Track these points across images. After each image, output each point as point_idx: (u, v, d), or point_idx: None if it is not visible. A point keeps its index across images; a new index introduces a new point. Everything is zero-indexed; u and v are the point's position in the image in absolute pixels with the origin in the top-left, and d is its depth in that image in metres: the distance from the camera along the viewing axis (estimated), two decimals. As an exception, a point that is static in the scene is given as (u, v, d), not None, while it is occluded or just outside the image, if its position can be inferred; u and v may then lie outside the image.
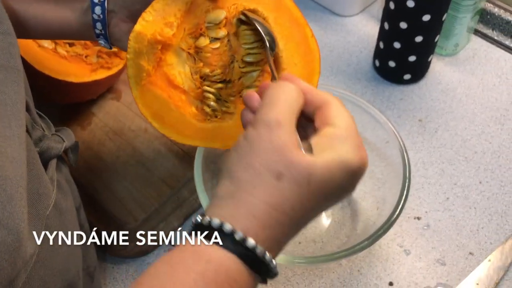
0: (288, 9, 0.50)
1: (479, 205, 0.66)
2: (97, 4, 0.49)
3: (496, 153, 0.71)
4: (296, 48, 0.50)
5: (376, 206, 0.62)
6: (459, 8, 0.75)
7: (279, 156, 0.36)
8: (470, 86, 0.79)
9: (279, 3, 0.50)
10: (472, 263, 0.61)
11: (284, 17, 0.50)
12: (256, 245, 0.34)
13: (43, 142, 0.46)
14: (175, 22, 0.49)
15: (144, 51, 0.48)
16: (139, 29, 0.48)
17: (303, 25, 0.50)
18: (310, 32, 0.51)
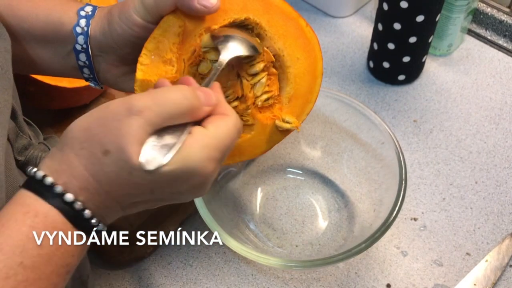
0: (277, 7, 0.50)
1: (475, 205, 0.66)
2: (81, 51, 0.47)
3: (491, 153, 0.71)
4: (295, 42, 0.51)
5: (373, 208, 0.62)
6: (452, 9, 0.75)
7: (116, 139, 0.35)
8: (464, 86, 0.79)
9: (268, 4, 0.50)
10: (469, 264, 0.61)
11: (276, 17, 0.50)
12: (74, 200, 0.36)
13: (28, 151, 0.45)
14: (173, 57, 0.47)
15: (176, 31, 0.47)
16: (142, 77, 0.47)
17: (295, 18, 0.51)
18: (304, 22, 0.51)
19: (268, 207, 0.66)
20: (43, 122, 0.74)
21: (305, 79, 0.51)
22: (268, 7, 0.50)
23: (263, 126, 0.51)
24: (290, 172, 0.69)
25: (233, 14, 0.49)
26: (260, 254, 0.53)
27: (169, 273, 0.61)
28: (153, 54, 0.47)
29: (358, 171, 0.66)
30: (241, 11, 0.49)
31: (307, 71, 0.51)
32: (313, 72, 0.52)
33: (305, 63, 0.51)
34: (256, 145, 0.52)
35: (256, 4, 0.50)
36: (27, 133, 0.46)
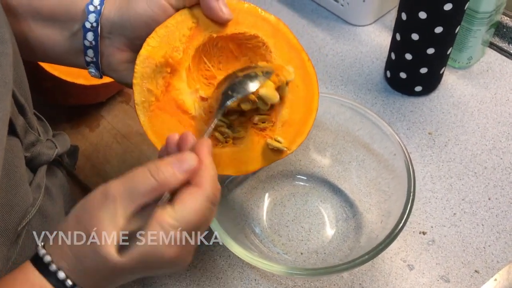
0: (285, 35, 0.52)
1: (487, 222, 0.65)
2: (89, 30, 0.46)
3: (507, 170, 0.69)
4: (296, 71, 0.52)
5: (381, 219, 0.61)
6: (473, 21, 0.74)
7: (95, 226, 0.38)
8: (482, 100, 0.77)
9: (277, 29, 0.52)
10: (477, 282, 0.60)
11: (282, 43, 0.52)
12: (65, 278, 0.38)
13: (35, 147, 0.46)
14: (180, 46, 0.48)
15: (153, 75, 0.47)
16: (146, 53, 0.47)
17: (299, 50, 0.52)
18: (306, 57, 0.53)
19: (275, 213, 0.66)
20: (59, 117, 0.76)
21: (301, 108, 0.52)
22: (276, 31, 0.52)
23: (254, 142, 0.51)
24: (299, 179, 0.68)
25: (244, 27, 0.51)
26: (263, 261, 0.52)
27: (173, 274, 0.61)
28: (162, 39, 0.47)
29: (369, 181, 0.65)
30: (251, 27, 0.51)
31: (303, 101, 0.52)
32: (309, 105, 0.52)
33: (303, 93, 0.52)
34: (242, 161, 0.51)
35: (266, 25, 0.51)
36: (36, 129, 0.47)
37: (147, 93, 0.47)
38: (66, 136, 0.52)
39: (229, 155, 0.51)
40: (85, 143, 0.73)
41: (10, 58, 0.40)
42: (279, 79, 0.49)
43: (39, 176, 0.45)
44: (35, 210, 0.42)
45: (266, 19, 0.52)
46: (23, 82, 0.46)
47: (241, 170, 0.51)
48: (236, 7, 0.51)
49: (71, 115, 0.76)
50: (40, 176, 0.45)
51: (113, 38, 0.48)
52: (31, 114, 0.47)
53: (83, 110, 0.76)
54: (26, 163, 0.44)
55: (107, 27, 0.47)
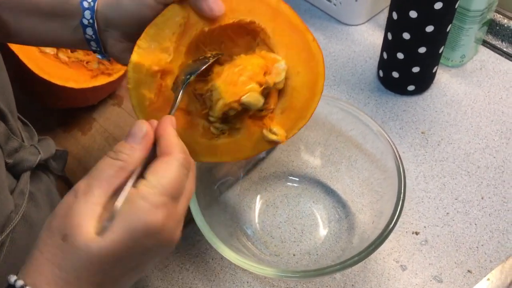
0: (286, 17, 0.49)
1: (480, 221, 0.64)
2: (87, 26, 0.48)
3: (500, 168, 0.69)
4: (298, 55, 0.50)
5: (373, 219, 0.61)
6: (465, 19, 0.73)
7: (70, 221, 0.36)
8: (476, 98, 0.77)
9: (277, 12, 0.49)
10: (470, 282, 0.59)
11: (283, 26, 0.49)
12: None
13: (18, 154, 0.45)
14: (171, 46, 0.48)
15: (144, 80, 0.48)
16: (136, 59, 0.47)
17: (303, 30, 0.49)
18: (311, 37, 0.50)
19: (268, 215, 0.65)
20: (51, 121, 0.76)
21: (303, 93, 0.50)
22: (276, 14, 0.49)
23: (250, 132, 0.50)
24: (292, 180, 0.68)
25: (239, 14, 0.49)
26: (255, 264, 0.52)
27: (165, 276, 0.61)
28: (152, 40, 0.47)
29: (361, 181, 0.65)
30: (247, 14, 0.49)
31: (306, 86, 0.50)
32: (312, 88, 0.50)
33: (306, 77, 0.50)
34: (238, 149, 0.51)
35: (265, 9, 0.49)
36: (19, 135, 0.47)
37: (142, 97, 0.48)
38: (50, 141, 0.52)
39: (225, 145, 0.51)
40: (77, 147, 0.73)
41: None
42: (266, 81, 0.48)
43: (23, 183, 0.45)
44: (19, 217, 0.42)
45: (265, 1, 0.49)
46: (5, 88, 0.46)
47: (236, 157, 0.51)
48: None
49: (63, 118, 0.76)
50: (24, 183, 0.45)
51: (110, 31, 0.49)
52: (14, 120, 0.47)
53: (75, 113, 0.76)
54: (8, 169, 0.43)
55: (103, 21, 0.48)
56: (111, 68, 0.71)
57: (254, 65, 0.48)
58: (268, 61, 0.49)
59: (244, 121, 0.50)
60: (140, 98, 0.48)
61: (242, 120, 0.50)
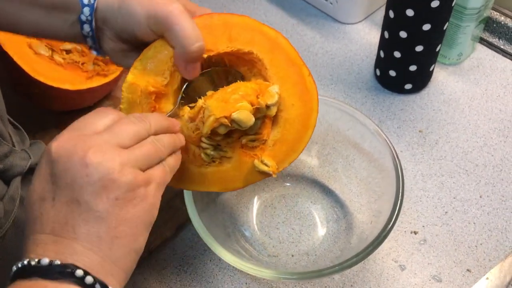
0: (284, 50, 0.50)
1: (479, 220, 0.64)
2: (85, 22, 0.48)
3: (498, 167, 0.69)
4: (293, 88, 0.50)
5: (371, 219, 0.61)
6: (462, 17, 0.73)
7: None
8: (473, 96, 0.77)
9: (275, 44, 0.50)
10: (469, 281, 0.59)
11: (280, 58, 0.50)
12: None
13: (8, 159, 0.45)
14: (167, 70, 0.48)
15: (138, 101, 0.47)
16: (132, 80, 0.47)
17: (299, 65, 0.50)
18: (307, 71, 0.50)
19: (266, 215, 0.65)
20: (48, 123, 0.75)
21: (295, 126, 0.50)
22: (274, 46, 0.50)
23: (241, 162, 0.50)
24: (289, 180, 0.68)
25: (238, 44, 0.49)
26: (253, 266, 0.52)
27: (163, 278, 0.61)
28: (149, 62, 0.47)
29: (359, 181, 0.64)
30: (246, 44, 0.49)
31: (298, 119, 0.50)
32: (305, 122, 0.50)
33: (299, 111, 0.50)
34: (228, 179, 0.50)
35: (263, 40, 0.49)
36: (9, 140, 0.46)
37: None
38: (42, 145, 0.51)
39: (214, 174, 0.50)
40: (73, 148, 0.72)
41: None
42: (258, 102, 0.47)
43: (13, 188, 0.44)
44: (9, 223, 0.42)
45: (264, 33, 0.49)
46: None
47: (226, 187, 0.51)
48: (230, 21, 0.49)
49: (59, 120, 0.75)
50: (14, 188, 0.44)
51: (106, 29, 0.49)
52: (4, 124, 0.46)
53: (72, 115, 0.74)
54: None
55: (100, 20, 0.48)
56: (106, 69, 0.71)
57: (247, 87, 0.48)
58: (262, 87, 0.49)
59: (235, 150, 0.50)
60: None
61: (233, 149, 0.50)
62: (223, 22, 0.49)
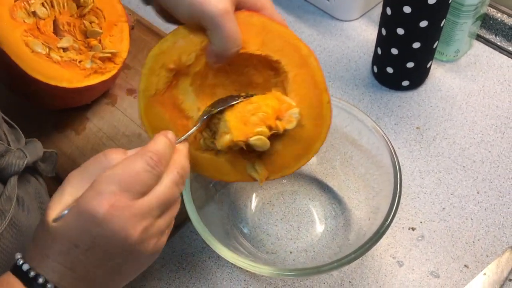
0: (311, 71, 0.49)
1: (476, 216, 0.64)
2: None
3: (495, 163, 0.69)
4: (308, 110, 0.50)
5: (369, 215, 0.61)
6: (459, 14, 0.73)
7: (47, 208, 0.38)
8: (470, 93, 0.77)
9: (304, 62, 0.49)
10: (467, 276, 0.59)
11: (305, 77, 0.49)
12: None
13: (4, 158, 0.44)
14: (194, 52, 0.48)
15: (158, 72, 0.48)
16: (158, 51, 0.48)
17: (322, 90, 0.50)
18: (327, 98, 0.50)
19: (264, 212, 0.65)
20: (45, 121, 0.75)
21: (298, 147, 0.51)
22: (303, 64, 0.49)
23: (234, 158, 0.50)
24: (287, 177, 0.68)
25: (268, 50, 0.49)
26: (251, 263, 0.52)
27: (162, 276, 0.61)
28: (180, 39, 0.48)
29: (357, 177, 0.65)
30: (277, 52, 0.49)
31: (304, 141, 0.51)
32: (309, 146, 0.51)
33: (307, 134, 0.50)
34: (220, 170, 0.51)
35: (294, 55, 0.49)
36: (5, 139, 0.46)
37: (150, 85, 0.49)
38: (38, 143, 0.51)
39: (208, 161, 0.51)
40: (71, 146, 0.72)
41: None
42: (276, 126, 0.48)
43: (10, 187, 0.44)
44: (6, 222, 0.41)
45: (297, 48, 0.49)
46: None
47: (215, 176, 0.52)
48: (268, 26, 0.48)
49: (56, 118, 0.75)
50: (11, 187, 0.44)
51: None
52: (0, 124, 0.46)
53: (69, 113, 0.75)
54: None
55: None
56: (104, 67, 0.71)
57: (268, 106, 0.48)
58: (282, 105, 0.49)
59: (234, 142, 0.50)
60: (148, 86, 0.49)
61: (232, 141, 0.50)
62: (262, 25, 0.48)
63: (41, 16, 0.69)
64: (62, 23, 0.70)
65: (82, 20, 0.72)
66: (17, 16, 0.66)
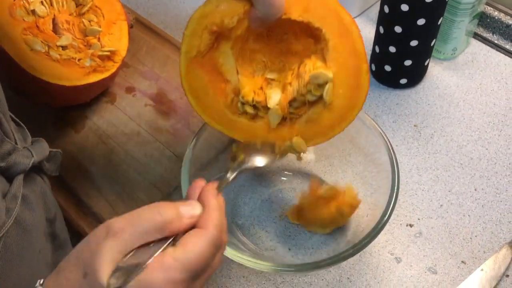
0: (352, 39, 0.49)
1: (473, 212, 0.65)
2: None
3: (492, 160, 0.70)
4: (346, 79, 0.50)
5: (367, 212, 0.61)
6: (456, 12, 0.74)
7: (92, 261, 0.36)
8: (468, 91, 0.77)
9: (346, 30, 0.49)
10: (464, 272, 0.60)
11: (345, 45, 0.49)
12: None
13: (11, 157, 0.44)
14: (237, 16, 0.48)
15: (200, 34, 0.49)
16: (201, 13, 0.49)
17: (361, 59, 0.49)
18: (366, 68, 0.49)
19: (263, 210, 0.66)
20: (45, 119, 0.75)
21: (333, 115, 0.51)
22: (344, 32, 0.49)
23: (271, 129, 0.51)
24: (286, 174, 0.68)
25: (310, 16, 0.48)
26: (250, 258, 0.52)
27: (161, 273, 0.61)
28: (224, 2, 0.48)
29: (355, 175, 0.65)
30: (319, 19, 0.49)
31: (338, 109, 0.51)
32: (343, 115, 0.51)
33: (342, 102, 0.50)
34: (253, 135, 0.52)
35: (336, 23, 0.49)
36: (12, 137, 0.46)
37: (192, 47, 0.50)
38: (44, 142, 0.51)
39: (243, 125, 0.52)
40: (70, 145, 0.72)
41: None
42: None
43: (15, 186, 0.44)
44: (11, 221, 0.42)
45: (340, 16, 0.49)
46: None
47: (248, 138, 0.52)
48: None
49: (56, 116, 0.75)
50: (17, 186, 0.44)
51: None
52: (8, 122, 0.46)
53: (68, 112, 0.75)
54: (1, 173, 0.43)
55: None
56: (103, 65, 0.71)
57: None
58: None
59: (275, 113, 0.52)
60: (190, 48, 0.50)
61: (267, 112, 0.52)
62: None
63: (40, 15, 0.69)
64: (61, 21, 0.71)
65: (81, 19, 0.72)
66: (16, 14, 0.67)
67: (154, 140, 0.72)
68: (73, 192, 0.67)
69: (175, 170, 0.68)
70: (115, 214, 0.64)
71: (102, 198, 0.66)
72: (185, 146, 0.70)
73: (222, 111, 0.52)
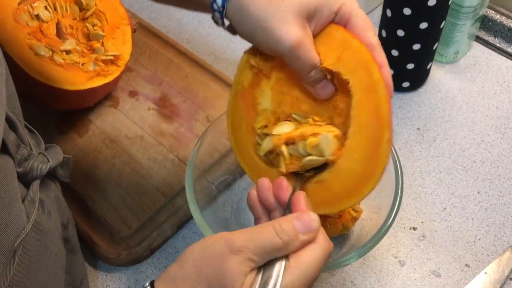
0: (377, 99, 0.44)
1: (477, 215, 0.65)
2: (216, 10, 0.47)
3: (495, 163, 0.70)
4: (364, 143, 0.45)
5: (371, 216, 0.61)
6: (458, 16, 0.74)
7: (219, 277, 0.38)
8: (470, 94, 0.78)
9: (373, 89, 0.44)
10: (468, 276, 0.60)
11: (369, 105, 0.45)
12: None
13: (28, 162, 0.45)
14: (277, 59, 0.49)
15: (241, 68, 0.51)
16: (248, 55, 0.51)
17: (383, 124, 0.44)
18: (387, 136, 0.44)
19: (266, 213, 0.66)
20: (48, 123, 0.76)
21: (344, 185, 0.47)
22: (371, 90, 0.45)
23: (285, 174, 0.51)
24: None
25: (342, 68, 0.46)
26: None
27: None
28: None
29: (358, 178, 0.65)
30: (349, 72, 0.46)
31: (351, 179, 0.46)
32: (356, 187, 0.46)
33: (357, 170, 0.46)
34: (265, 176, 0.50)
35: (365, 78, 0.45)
36: (27, 143, 0.46)
37: (239, 79, 0.52)
38: (58, 148, 0.51)
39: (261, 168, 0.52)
40: (74, 149, 0.72)
41: (3, 79, 0.40)
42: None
43: (33, 191, 0.44)
44: (30, 225, 0.42)
45: (370, 72, 0.44)
46: (13, 98, 0.46)
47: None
48: (348, 43, 0.45)
49: (60, 120, 0.76)
50: (34, 191, 0.44)
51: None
52: (23, 128, 0.46)
53: (72, 116, 0.76)
54: (18, 178, 0.43)
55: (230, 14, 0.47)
56: (106, 69, 0.71)
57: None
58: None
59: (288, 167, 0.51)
60: (238, 79, 0.52)
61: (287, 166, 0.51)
62: (342, 40, 0.46)
63: (44, 19, 0.70)
64: (65, 26, 0.71)
65: (85, 23, 0.73)
66: (20, 19, 0.67)
67: (157, 143, 0.72)
68: (77, 196, 0.67)
69: (179, 174, 0.68)
70: (119, 218, 0.65)
71: (106, 202, 0.67)
72: (188, 150, 0.71)
73: (247, 149, 0.53)
